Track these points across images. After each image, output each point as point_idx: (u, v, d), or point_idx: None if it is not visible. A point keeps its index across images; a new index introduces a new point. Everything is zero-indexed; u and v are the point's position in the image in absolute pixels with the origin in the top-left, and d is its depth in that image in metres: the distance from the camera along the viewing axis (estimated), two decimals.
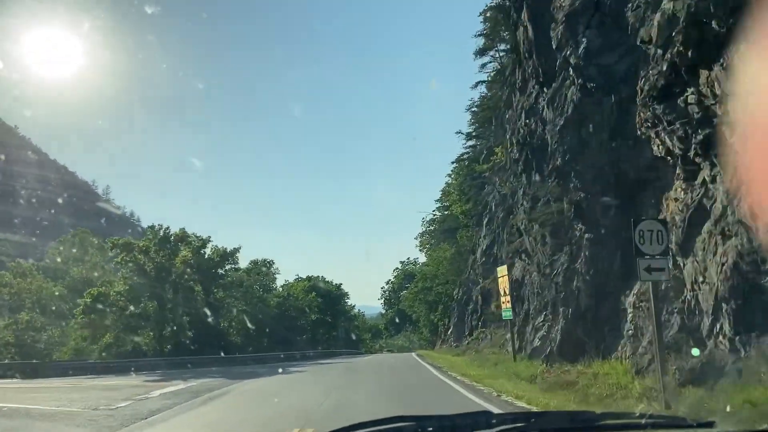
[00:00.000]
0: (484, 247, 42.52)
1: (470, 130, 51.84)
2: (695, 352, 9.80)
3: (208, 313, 42.16)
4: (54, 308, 37.95)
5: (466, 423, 2.41)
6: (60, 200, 78.57)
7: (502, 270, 25.00)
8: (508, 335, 24.16)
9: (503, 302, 23.97)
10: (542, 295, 19.80)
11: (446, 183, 65.04)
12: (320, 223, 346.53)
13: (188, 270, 40.12)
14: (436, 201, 70.15)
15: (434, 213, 70.84)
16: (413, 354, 48.08)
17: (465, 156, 52.26)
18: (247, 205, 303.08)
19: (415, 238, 77.35)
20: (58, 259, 47.46)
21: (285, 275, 70.04)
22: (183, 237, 38.88)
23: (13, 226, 66.29)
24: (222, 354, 39.44)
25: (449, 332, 51.17)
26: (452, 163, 54.97)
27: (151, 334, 37.37)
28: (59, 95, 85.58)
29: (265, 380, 22.27)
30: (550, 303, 18.29)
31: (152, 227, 38.30)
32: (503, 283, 24.08)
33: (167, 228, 38.54)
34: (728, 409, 6.86)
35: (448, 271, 56.33)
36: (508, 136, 32.33)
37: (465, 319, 45.13)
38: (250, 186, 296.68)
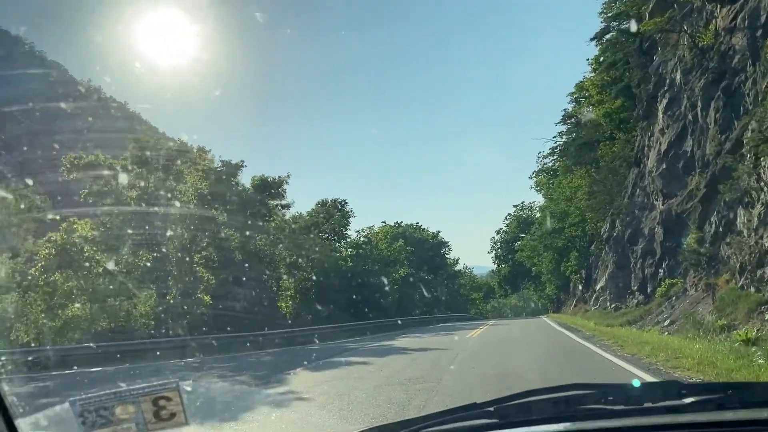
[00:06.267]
0: (665, 147, 25.80)
1: None
2: None
3: (247, 268, 29.24)
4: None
5: (654, 393, 2.04)
6: None
7: None
8: None
9: None
10: None
11: (574, 94, 47.95)
12: (423, 184, 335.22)
13: (210, 205, 26.85)
14: (557, 124, 53.33)
15: (555, 139, 54.09)
16: (550, 322, 32.51)
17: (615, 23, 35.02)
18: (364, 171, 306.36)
19: (530, 177, 60.68)
20: None
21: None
22: (182, 150, 24.76)
23: None
24: (266, 329, 26.52)
25: (598, 287, 34.91)
26: (591, 41, 37.70)
27: (151, 303, 24.66)
28: None
29: None
30: None
31: (136, 139, 24.26)
32: None
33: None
34: None
35: (587, 204, 39.77)
36: None
37: (630, 266, 28.86)
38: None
